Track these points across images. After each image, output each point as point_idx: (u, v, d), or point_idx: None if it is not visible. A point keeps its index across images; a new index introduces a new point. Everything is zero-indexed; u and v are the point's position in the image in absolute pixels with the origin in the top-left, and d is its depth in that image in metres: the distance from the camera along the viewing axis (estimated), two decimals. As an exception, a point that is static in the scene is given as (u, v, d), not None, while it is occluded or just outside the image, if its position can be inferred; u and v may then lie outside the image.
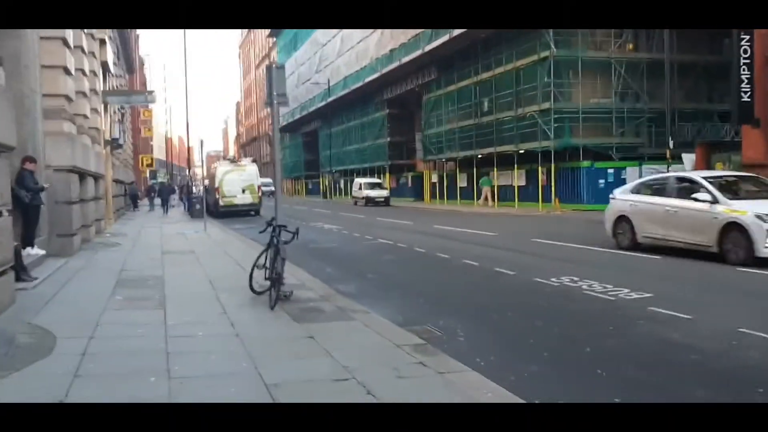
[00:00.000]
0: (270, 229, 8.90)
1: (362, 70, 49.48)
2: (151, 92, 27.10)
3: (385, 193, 42.82)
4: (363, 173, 51.40)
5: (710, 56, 30.10)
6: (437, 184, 41.68)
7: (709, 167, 24.72)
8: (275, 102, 8.32)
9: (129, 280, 10.23)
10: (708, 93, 30.66)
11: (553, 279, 9.89)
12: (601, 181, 29.17)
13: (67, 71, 14.04)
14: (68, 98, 14.34)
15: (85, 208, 16.45)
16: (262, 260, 8.87)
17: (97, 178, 19.40)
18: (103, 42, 22.89)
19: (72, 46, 14.53)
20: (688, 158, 25.39)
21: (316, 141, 69.93)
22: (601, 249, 13.93)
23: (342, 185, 60.12)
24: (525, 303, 8.35)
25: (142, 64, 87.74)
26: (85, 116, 17.69)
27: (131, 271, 11.36)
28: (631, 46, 30.00)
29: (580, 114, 29.12)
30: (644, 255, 12.66)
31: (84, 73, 17.51)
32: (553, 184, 29.49)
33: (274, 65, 8.19)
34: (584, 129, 29.26)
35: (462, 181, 38.51)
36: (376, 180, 45.66)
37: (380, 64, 45.57)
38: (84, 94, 17.53)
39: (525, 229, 20.44)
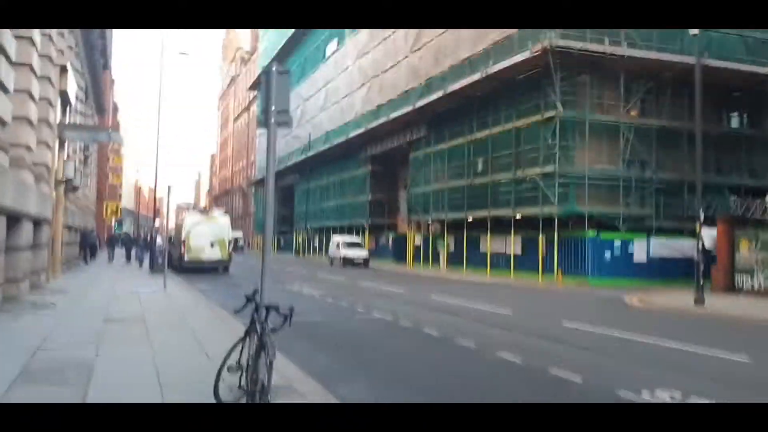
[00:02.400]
0: (250, 307, 6.03)
1: (346, 125, 47.36)
2: (115, 130, 24.18)
3: (364, 253, 39.96)
4: (341, 231, 48.57)
5: (716, 126, 28.50)
6: (421, 247, 38.97)
7: (732, 245, 22.50)
8: (272, 120, 5.55)
9: (41, 370, 7.12)
10: (716, 165, 28.79)
11: (644, 392, 7.05)
12: (607, 252, 26.77)
13: (-2, 85, 11.15)
14: None
15: (15, 257, 13.29)
16: (236, 355, 5.95)
17: (38, 222, 16.27)
18: (64, 69, 20.10)
19: (12, 57, 11.68)
20: (709, 234, 23.10)
21: (291, 196, 67.19)
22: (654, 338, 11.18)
23: (316, 243, 57.13)
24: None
25: (116, 108, 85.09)
26: (28, 148, 14.70)
27: (51, 350, 8.26)
28: (634, 112, 28.15)
29: (585, 180, 26.90)
30: None
31: (31, 97, 14.62)
32: (555, 254, 26.94)
33: (275, 68, 5.46)
34: (589, 196, 27.00)
35: (449, 245, 35.86)
36: (355, 239, 42.81)
37: (366, 120, 43.48)
38: (29, 121, 14.59)
39: (541, 308, 17.69)
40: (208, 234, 28.72)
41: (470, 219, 32.92)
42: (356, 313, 14.53)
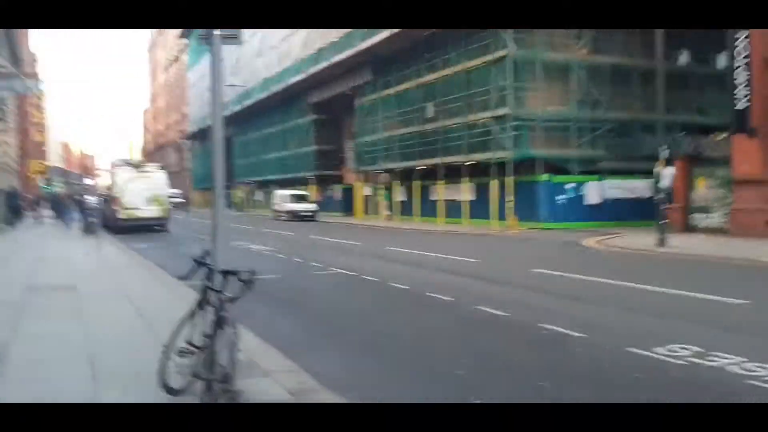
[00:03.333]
0: (201, 272, 4.84)
1: (285, 71, 45.18)
2: (33, 78, 21.74)
3: (312, 206, 38.63)
4: (284, 184, 46.87)
5: (668, 63, 28.12)
6: (370, 198, 37.91)
7: (689, 184, 22.26)
8: (217, 34, 4.27)
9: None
10: (667, 103, 28.47)
11: (657, 349, 6.21)
12: (560, 196, 26.29)
13: None
14: None
15: None
16: (186, 336, 4.76)
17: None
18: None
19: None
20: (667, 173, 22.76)
21: (229, 149, 64.52)
22: (660, 289, 10.49)
23: (258, 197, 55.35)
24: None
25: (34, 60, 79.54)
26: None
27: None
28: (585, 50, 27.32)
29: (538, 123, 26.15)
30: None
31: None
32: (511, 199, 26.27)
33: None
34: (541, 139, 26.32)
35: (400, 195, 34.88)
36: (301, 192, 41.31)
37: (306, 64, 41.46)
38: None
39: (502, 254, 16.96)
40: (143, 190, 26.79)
41: (421, 167, 31.91)
42: (313, 269, 13.37)
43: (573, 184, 26.43)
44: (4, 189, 30.32)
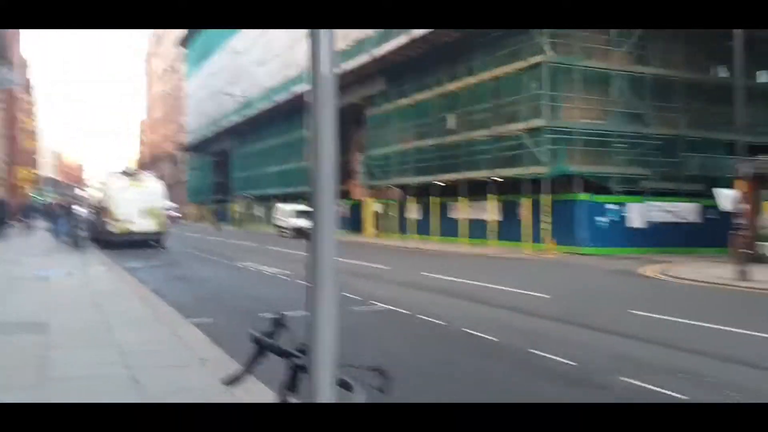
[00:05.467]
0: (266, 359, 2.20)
1: (289, 81, 42.75)
2: (7, 65, 18.99)
3: (317, 223, 35.89)
4: (286, 199, 44.24)
5: (709, 77, 25.94)
6: (381, 215, 35.33)
7: (757, 207, 19.82)
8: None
9: None
10: (711, 119, 26.13)
11: None
12: (601, 218, 23.80)
13: None
14: None
15: None
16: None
17: None
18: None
19: None
20: (726, 195, 20.33)
21: (226, 162, 62.03)
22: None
23: (258, 212, 52.74)
24: None
25: (25, 65, 76.93)
26: None
27: None
28: (626, 58, 24.97)
29: (576, 136, 23.73)
30: None
31: None
32: (548, 220, 23.75)
33: None
34: (579, 154, 23.89)
35: (414, 212, 32.31)
36: (306, 207, 38.48)
37: (314, 73, 38.95)
38: None
39: (567, 286, 14.35)
40: (137, 201, 24.11)
41: (439, 183, 29.40)
42: (349, 302, 10.73)
43: (614, 205, 23.97)
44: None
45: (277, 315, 2.37)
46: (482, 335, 7.80)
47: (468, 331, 8.05)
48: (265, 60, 47.98)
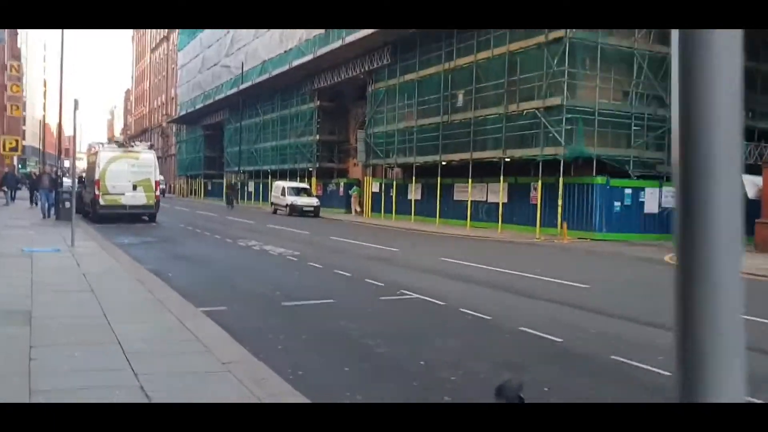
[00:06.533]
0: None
1: (288, 52, 41.18)
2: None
3: (314, 201, 34.75)
4: (282, 176, 42.93)
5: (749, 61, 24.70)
6: (381, 195, 34.09)
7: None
8: None
9: None
10: (747, 105, 25.00)
11: None
12: (617, 203, 22.76)
13: None
14: None
15: None
16: None
17: None
18: None
19: None
20: (751, 181, 19.37)
21: (220, 135, 60.37)
22: None
23: (252, 188, 51.37)
24: None
25: (14, 32, 74.66)
26: None
27: None
28: (648, 38, 23.74)
29: (595, 116, 22.58)
30: None
31: None
32: (559, 204, 22.67)
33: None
34: (595, 135, 22.74)
35: (416, 193, 31.13)
36: (302, 185, 37.37)
37: (313, 45, 37.51)
38: None
39: (602, 275, 13.28)
40: (128, 173, 22.78)
41: (445, 162, 28.20)
42: (372, 290, 9.58)
43: (630, 190, 22.92)
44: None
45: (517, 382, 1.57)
46: (544, 335, 6.68)
47: (525, 329, 6.91)
48: (261, 31, 46.26)
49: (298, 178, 40.63)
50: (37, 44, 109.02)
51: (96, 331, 5.74)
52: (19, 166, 59.69)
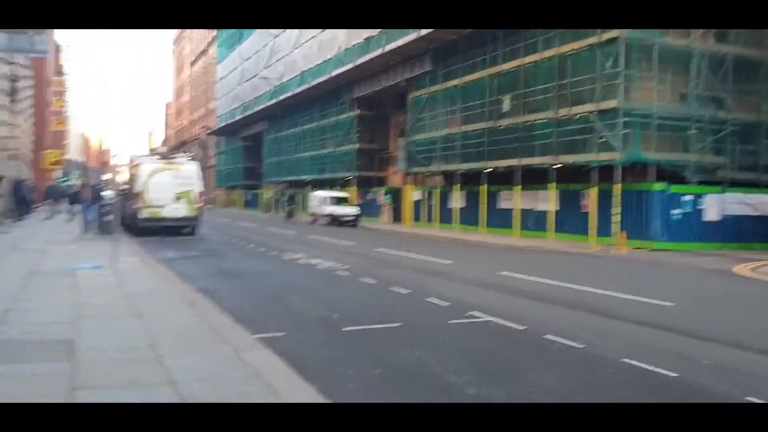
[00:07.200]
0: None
1: (327, 62, 40.73)
2: (40, 34, 17.28)
3: (355, 210, 34.14)
4: (320, 185, 42.47)
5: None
6: (423, 203, 33.29)
7: None
8: None
9: None
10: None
11: None
12: (676, 211, 21.54)
13: None
14: None
15: None
16: None
17: None
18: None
19: None
20: None
21: (258, 146, 60.33)
22: None
23: (293, 198, 51.05)
24: None
25: (58, 49, 76.21)
26: None
27: None
28: (708, 37, 22.46)
29: (653, 120, 21.44)
30: None
31: None
32: (617, 212, 21.54)
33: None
34: (653, 140, 21.58)
35: (460, 201, 30.23)
36: (342, 194, 36.78)
37: (353, 54, 36.99)
38: None
39: (684, 290, 12.24)
40: (171, 185, 22.43)
41: (491, 169, 27.26)
42: (438, 311, 8.77)
43: (690, 197, 21.68)
44: (8, 178, 26.13)
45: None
46: (652, 368, 5.78)
47: (628, 361, 6.02)
48: (300, 41, 46.01)
49: (338, 187, 40.06)
50: (79, 59, 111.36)
51: (145, 368, 5.06)
52: (65, 179, 60.38)
